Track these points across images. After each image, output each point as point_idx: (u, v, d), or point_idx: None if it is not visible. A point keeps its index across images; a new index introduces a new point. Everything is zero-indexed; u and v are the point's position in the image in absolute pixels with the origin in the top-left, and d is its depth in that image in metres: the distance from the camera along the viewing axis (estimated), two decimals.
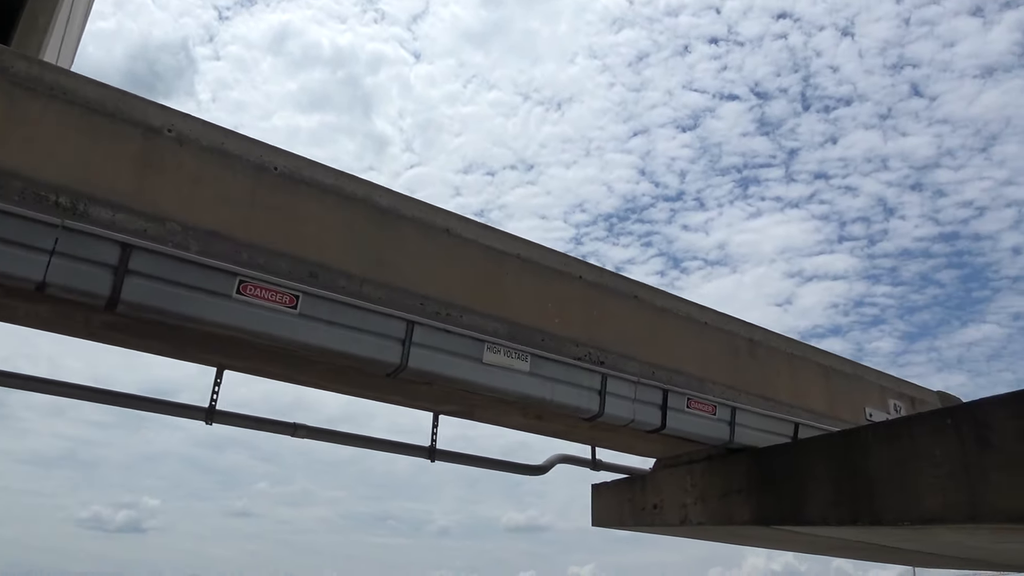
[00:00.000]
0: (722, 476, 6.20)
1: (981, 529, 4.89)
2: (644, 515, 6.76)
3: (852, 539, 6.39)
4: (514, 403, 5.29)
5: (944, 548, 6.49)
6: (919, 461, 4.98)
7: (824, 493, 5.45)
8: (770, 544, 7.47)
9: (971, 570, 8.63)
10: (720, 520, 6.09)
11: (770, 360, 7.08)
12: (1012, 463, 4.56)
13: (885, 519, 5.08)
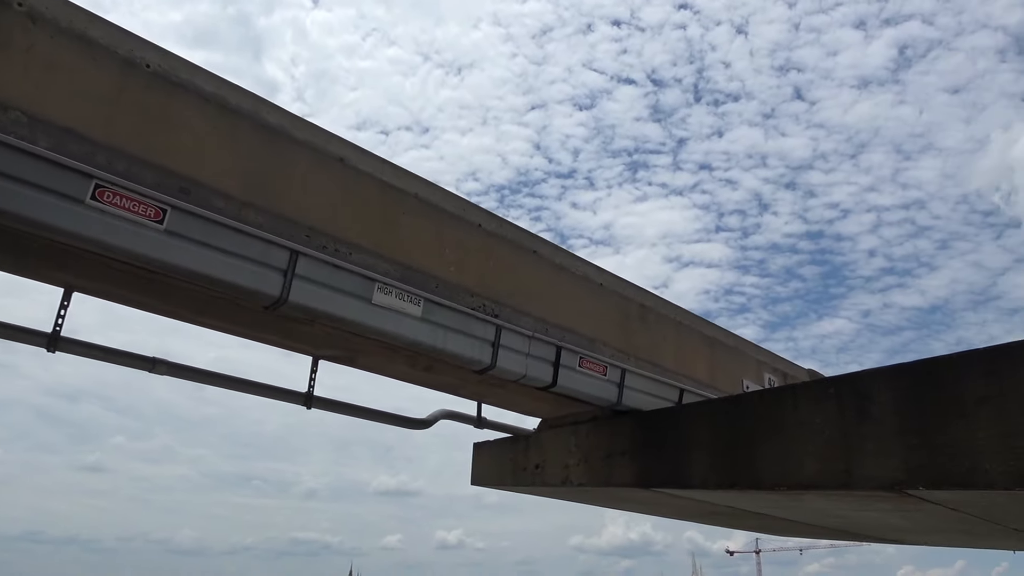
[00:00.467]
0: (607, 438, 6.14)
1: (852, 496, 5.04)
2: (525, 475, 6.64)
3: (724, 504, 6.52)
4: (402, 351, 4.97)
5: (808, 515, 6.74)
6: (800, 428, 5.06)
7: (706, 457, 5.48)
8: (645, 508, 7.56)
9: (828, 539, 9.10)
10: (602, 481, 6.04)
11: (659, 327, 7.09)
12: (888, 433, 4.68)
13: (764, 484, 5.15)
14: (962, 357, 4.57)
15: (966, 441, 4.39)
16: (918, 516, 5.90)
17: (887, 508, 5.51)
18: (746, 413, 5.37)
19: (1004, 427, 4.28)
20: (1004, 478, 4.22)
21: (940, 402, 4.54)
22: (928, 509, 5.37)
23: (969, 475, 4.34)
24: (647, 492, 6.01)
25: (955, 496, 4.60)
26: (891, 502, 5.12)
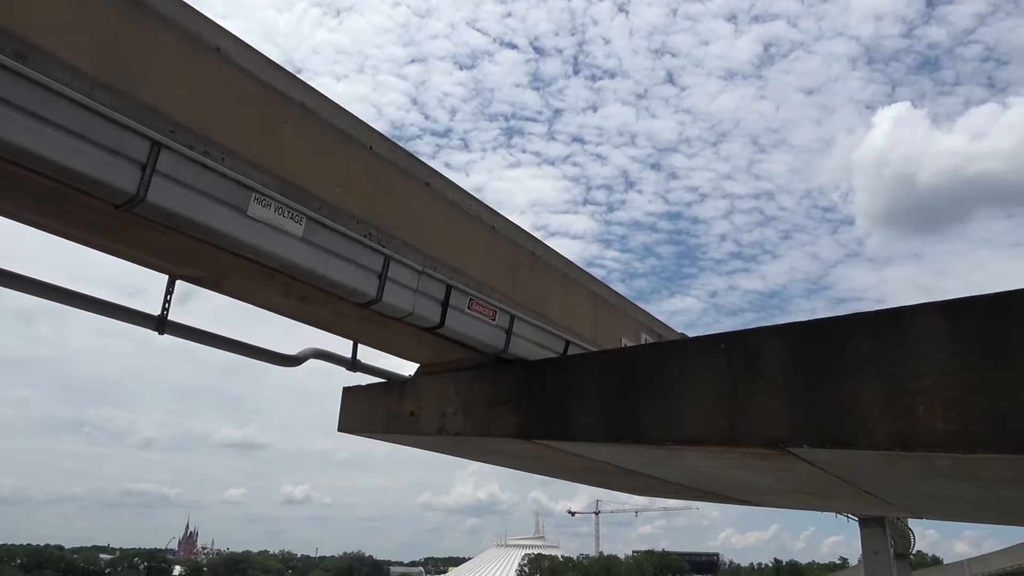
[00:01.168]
0: (489, 386, 5.86)
1: (733, 453, 5.03)
2: (399, 422, 6.25)
3: (601, 460, 6.44)
4: (277, 276, 4.42)
5: (679, 473, 6.80)
6: (689, 383, 4.98)
7: (593, 409, 5.31)
8: (518, 462, 7.39)
9: (689, 499, 9.37)
10: (481, 431, 5.77)
11: (547, 277, 6.86)
12: (776, 391, 4.67)
13: (649, 438, 5.04)
14: (851, 319, 4.60)
15: (851, 401, 4.43)
16: (786, 476, 6.05)
17: (761, 467, 5.58)
18: (635, 366, 5.24)
19: (887, 389, 4.34)
20: (886, 438, 4.28)
21: (828, 362, 4.56)
22: (801, 469, 5.48)
23: (853, 435, 4.39)
24: (527, 444, 5.80)
25: (834, 456, 4.66)
26: (769, 460, 5.16)
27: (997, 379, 4.07)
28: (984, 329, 4.18)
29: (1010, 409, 4.00)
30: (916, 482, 5.51)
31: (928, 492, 6.09)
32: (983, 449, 4.03)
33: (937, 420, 4.17)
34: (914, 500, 6.95)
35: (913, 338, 4.36)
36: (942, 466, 4.54)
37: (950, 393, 4.17)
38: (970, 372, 4.15)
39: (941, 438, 4.14)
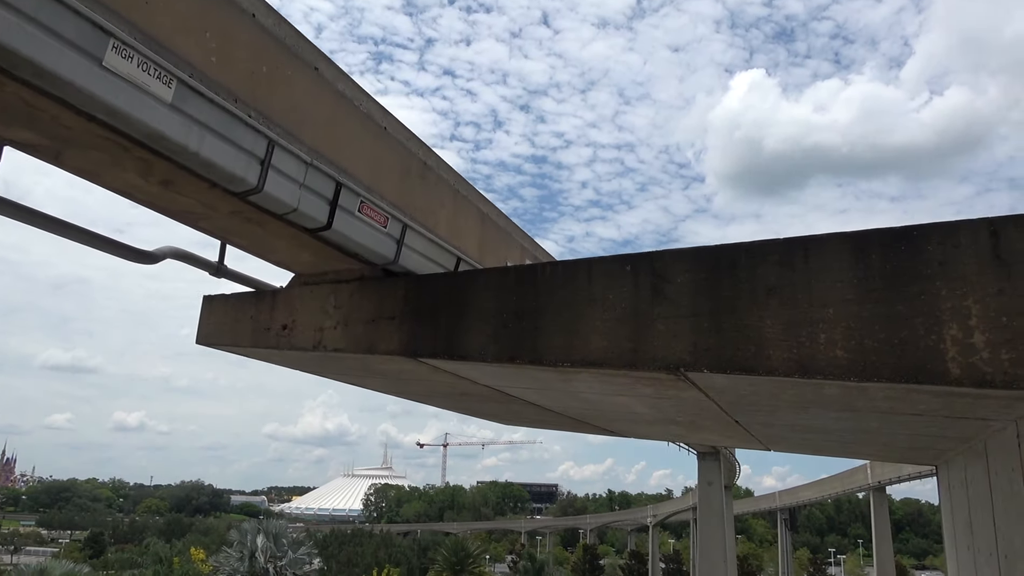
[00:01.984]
0: (374, 300, 5.40)
1: (628, 377, 4.91)
2: (268, 336, 5.67)
3: (484, 384, 6.18)
4: (135, 150, 3.71)
5: (562, 399, 6.68)
6: (592, 304, 4.77)
7: (487, 327, 5.00)
8: (395, 385, 7.00)
9: (563, 429, 9.42)
10: (363, 348, 5.32)
11: (437, 189, 6.40)
12: (681, 315, 4.55)
13: (546, 359, 4.81)
14: (759, 246, 4.53)
15: (754, 328, 4.38)
16: (668, 404, 6.06)
17: (649, 393, 5.53)
18: (536, 284, 4.96)
19: (790, 316, 4.31)
20: (785, 365, 4.27)
21: (735, 288, 4.48)
22: (687, 397, 5.47)
23: (753, 360, 4.35)
24: (412, 363, 5.42)
25: (729, 382, 4.63)
26: (663, 386, 5.09)
27: (896, 311, 4.12)
28: (887, 261, 4.21)
29: (906, 340, 4.07)
30: (793, 412, 5.67)
31: (796, 423, 6.33)
32: (878, 378, 4.09)
33: (837, 348, 4.19)
34: (776, 431, 7.26)
35: (819, 267, 4.33)
36: (829, 395, 4.62)
37: (851, 323, 4.19)
38: (871, 303, 4.18)
39: (839, 366, 4.17)
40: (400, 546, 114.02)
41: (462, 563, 74.30)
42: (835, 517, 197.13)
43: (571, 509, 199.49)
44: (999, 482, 5.52)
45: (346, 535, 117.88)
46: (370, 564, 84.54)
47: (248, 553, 54.87)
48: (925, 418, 5.21)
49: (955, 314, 4.02)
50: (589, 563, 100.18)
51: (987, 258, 4.04)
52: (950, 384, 3.97)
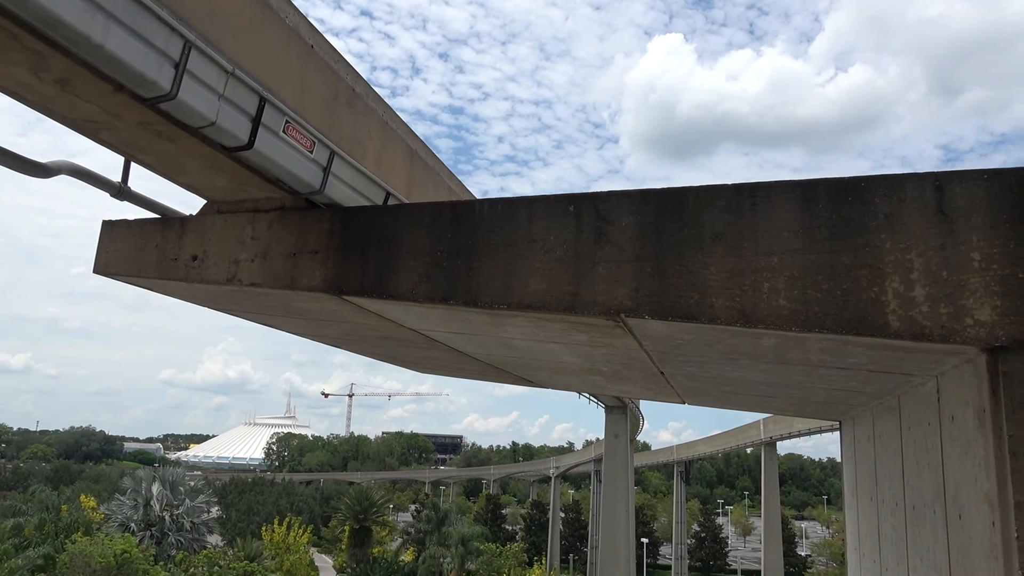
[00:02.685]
0: (296, 233, 5.00)
1: (565, 322, 4.74)
2: (176, 267, 5.19)
3: (410, 327, 5.90)
4: (26, 37, 3.18)
5: (489, 346, 6.48)
6: (532, 245, 4.55)
7: (420, 266, 4.71)
8: (312, 326, 6.61)
9: (484, 379, 9.24)
10: (283, 284, 4.94)
11: (366, 120, 5.98)
12: (624, 259, 4.39)
13: (482, 301, 4.57)
14: (707, 190, 4.40)
15: (698, 275, 4.27)
16: (599, 353, 5.96)
17: (581, 341, 5.39)
18: (473, 222, 4.69)
19: (735, 264, 4.22)
20: (728, 313, 4.19)
21: (681, 233, 4.35)
22: (619, 345, 5.37)
23: (696, 308, 4.25)
24: (335, 301, 5.08)
25: (669, 330, 4.53)
26: (598, 333, 4.95)
27: (840, 262, 4.08)
28: (833, 211, 4.16)
29: (849, 292, 4.04)
30: (721, 364, 5.67)
31: (721, 376, 6.37)
32: (819, 329, 4.06)
33: (780, 298, 4.13)
34: (698, 384, 7.32)
35: (766, 215, 4.24)
36: (765, 346, 4.59)
37: (795, 272, 4.13)
38: (815, 253, 4.13)
39: (781, 316, 4.11)
40: (303, 495, 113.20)
41: (366, 512, 74.32)
42: (724, 470, 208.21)
43: (475, 460, 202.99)
44: (912, 437, 5.70)
45: (246, 484, 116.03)
46: (271, 513, 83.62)
47: (143, 501, 53.21)
48: (850, 372, 5.29)
49: (898, 267, 4.01)
50: (492, 512, 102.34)
51: (931, 212, 4.04)
52: (889, 337, 3.98)
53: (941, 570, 4.98)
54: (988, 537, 3.96)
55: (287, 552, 68.75)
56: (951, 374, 4.67)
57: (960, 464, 4.47)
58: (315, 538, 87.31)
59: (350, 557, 73.32)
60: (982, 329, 3.87)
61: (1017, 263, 3.88)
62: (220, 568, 41.83)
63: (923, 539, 5.42)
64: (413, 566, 68.27)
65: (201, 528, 54.64)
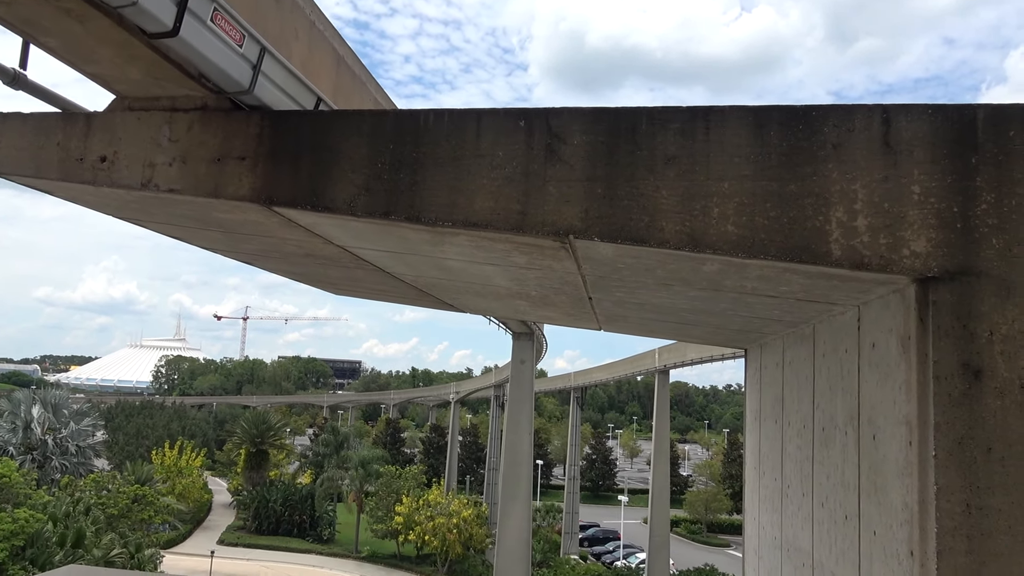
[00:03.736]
0: (220, 136, 4.60)
1: (510, 243, 4.62)
2: (82, 169, 4.70)
3: (342, 244, 5.63)
4: None
5: (421, 267, 6.29)
6: (479, 160, 4.36)
7: (360, 178, 4.44)
8: (234, 244, 6.19)
9: (397, 301, 9.01)
10: (206, 191, 4.56)
11: (293, 16, 5.52)
12: (575, 179, 4.28)
13: (425, 217, 4.37)
14: (662, 112, 4.31)
15: (650, 198, 4.21)
16: (532, 276, 5.89)
17: (519, 263, 5.29)
18: (417, 133, 4.44)
19: (686, 188, 4.19)
20: (677, 237, 4.17)
21: (634, 154, 4.26)
22: (559, 268, 5.31)
23: (645, 231, 4.20)
24: (264, 213, 4.75)
25: (615, 253, 4.48)
26: (539, 255, 4.86)
27: (788, 190, 4.11)
28: (784, 139, 4.16)
29: (795, 220, 4.09)
30: (654, 290, 5.71)
31: (649, 302, 6.45)
32: (764, 255, 4.10)
33: (729, 223, 4.14)
34: (622, 311, 7.41)
35: (718, 140, 4.21)
36: (705, 272, 4.63)
37: (744, 199, 4.14)
38: (765, 180, 4.14)
39: (729, 241, 4.13)
40: (195, 419, 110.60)
41: (262, 435, 73.58)
42: (615, 397, 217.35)
43: (374, 385, 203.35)
44: (825, 363, 5.96)
45: (134, 407, 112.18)
46: (161, 437, 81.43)
47: (22, 424, 50.54)
48: (778, 300, 5.44)
49: (843, 197, 4.08)
50: (391, 436, 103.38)
51: (877, 144, 4.10)
52: (830, 265, 4.07)
53: (849, 487, 5.30)
54: (904, 456, 4.19)
55: (179, 475, 67.50)
56: (875, 304, 4.86)
57: (878, 389, 4.70)
58: (209, 462, 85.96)
59: (246, 480, 72.76)
60: (917, 260, 4.01)
61: (953, 198, 4.01)
62: (109, 492, 40.58)
63: (831, 458, 5.74)
64: (311, 488, 68.49)
65: (87, 452, 52.65)
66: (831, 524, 5.70)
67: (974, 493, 3.84)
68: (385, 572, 60.00)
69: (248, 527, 67.79)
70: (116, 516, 39.18)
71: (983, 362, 3.93)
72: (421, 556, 60.66)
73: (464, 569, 57.39)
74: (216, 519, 74.52)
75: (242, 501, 71.50)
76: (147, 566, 35.09)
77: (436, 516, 56.14)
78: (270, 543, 64.23)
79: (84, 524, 32.47)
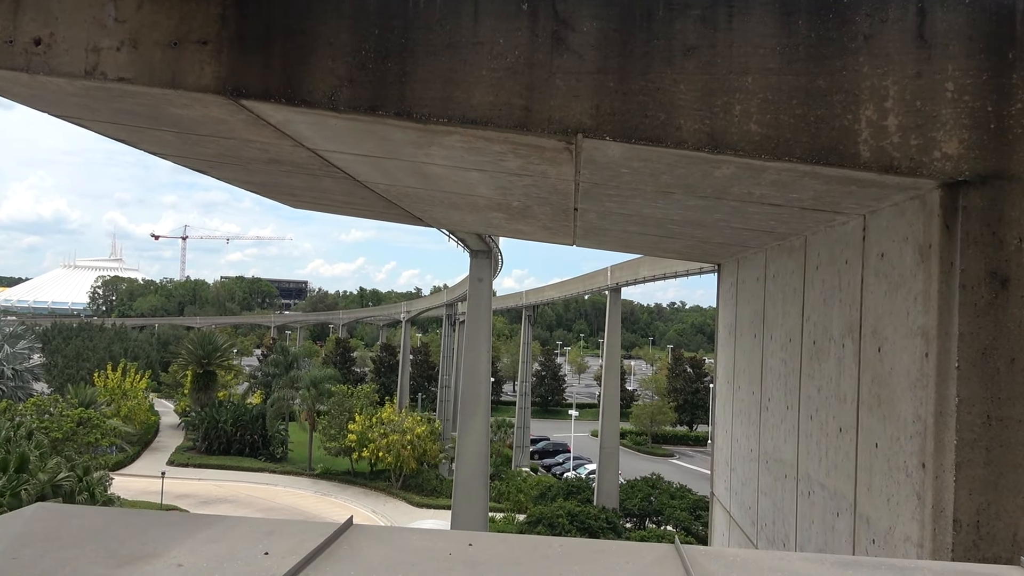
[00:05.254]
0: (177, 17, 4.00)
1: (508, 143, 4.20)
2: (12, 53, 4.05)
3: (313, 146, 5.12)
4: None
5: (402, 173, 5.83)
6: (477, 48, 3.89)
7: (340, 67, 3.93)
8: (188, 147, 5.58)
9: (365, 216, 8.49)
10: (162, 81, 3.99)
11: None
12: (585, 71, 3.86)
13: (417, 112, 3.92)
14: None
15: (667, 92, 3.84)
16: (520, 184, 5.50)
17: (509, 169, 4.89)
18: (407, 16, 3.93)
19: (706, 83, 3.82)
20: (695, 136, 3.83)
21: (650, 44, 3.85)
22: (551, 174, 4.93)
23: (662, 129, 3.85)
24: (229, 107, 4.22)
25: (625, 154, 4.12)
26: (538, 158, 4.47)
27: (816, 85, 3.79)
28: (812, 29, 3.80)
29: (823, 118, 3.78)
30: (650, 199, 5.40)
31: (639, 213, 6.13)
32: (789, 157, 3.81)
33: (752, 122, 3.81)
34: (606, 223, 7.09)
35: (742, 28, 3.82)
36: (718, 176, 4.31)
37: (769, 95, 3.80)
38: (792, 74, 3.80)
39: (752, 141, 3.81)
40: (137, 341, 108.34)
41: (209, 356, 72.53)
42: (563, 315, 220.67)
43: (322, 305, 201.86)
44: (819, 275, 5.79)
45: (72, 329, 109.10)
46: (103, 359, 79.55)
47: None
48: (780, 209, 5.19)
49: (873, 94, 3.78)
50: (341, 356, 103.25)
51: (911, 36, 3.78)
52: (858, 168, 3.80)
53: (846, 399, 5.19)
54: (918, 368, 4.05)
55: (124, 398, 66.42)
56: (886, 212, 4.64)
57: (886, 300, 4.53)
58: (154, 383, 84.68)
59: (194, 401, 72.06)
60: (948, 163, 3.76)
61: (988, 96, 3.74)
62: (52, 416, 39.60)
63: (824, 371, 5.64)
64: (262, 408, 68.28)
65: (25, 375, 51.14)
66: (821, 436, 5.65)
67: (995, 404, 3.72)
68: (340, 488, 60.88)
69: (198, 448, 67.59)
70: (61, 440, 38.37)
71: (1010, 270, 3.75)
72: (375, 472, 61.59)
73: (419, 483, 58.56)
74: (164, 440, 74.03)
75: (191, 422, 71.03)
76: (96, 488, 34.67)
77: (390, 433, 56.75)
78: (222, 463, 64.27)
79: (27, 448, 31.68)
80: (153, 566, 2.01)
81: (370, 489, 60.33)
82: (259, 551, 2.16)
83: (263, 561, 2.09)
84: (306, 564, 2.08)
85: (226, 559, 2.10)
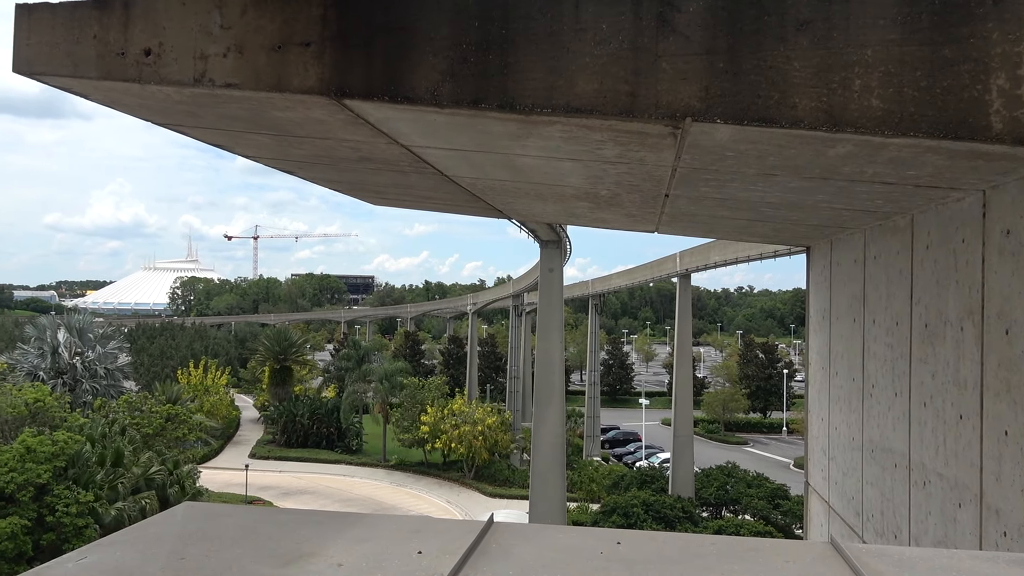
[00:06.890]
0: (279, 21, 4.05)
1: (611, 130, 4.12)
2: (124, 65, 4.18)
3: (407, 143, 5.14)
4: None
5: (487, 168, 5.80)
6: (580, 35, 3.81)
7: (441, 62, 3.91)
8: (281, 150, 5.68)
9: (447, 211, 8.54)
10: (268, 84, 4.05)
11: None
12: (692, 52, 3.73)
13: (520, 103, 3.87)
14: None
15: (780, 71, 3.68)
16: (614, 172, 5.40)
17: (607, 157, 4.80)
18: (506, 6, 3.88)
19: (822, 59, 3.64)
20: (811, 115, 3.66)
21: (760, 20, 3.69)
22: (649, 162, 4.82)
23: (775, 110, 3.69)
24: (330, 108, 4.25)
25: (737, 136, 3.99)
26: (638, 144, 4.37)
27: (941, 55, 3.57)
28: None
29: (950, 90, 3.56)
30: (751, 182, 5.23)
31: (735, 196, 5.96)
32: (914, 132, 3.60)
33: (873, 97, 3.62)
34: (697, 208, 6.94)
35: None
36: (830, 155, 4.14)
37: (891, 67, 3.60)
38: (914, 45, 3.58)
39: (874, 118, 3.62)
40: (216, 338, 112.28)
41: (285, 352, 74.60)
42: (628, 303, 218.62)
43: (389, 300, 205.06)
44: (931, 255, 5.52)
45: (155, 329, 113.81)
46: (185, 357, 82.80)
47: (49, 349, 51.18)
48: (892, 187, 4.96)
49: (1005, 61, 3.53)
50: (410, 348, 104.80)
51: None
52: (990, 141, 3.57)
53: (966, 385, 4.94)
54: None
55: (207, 393, 68.99)
56: (1012, 186, 4.37)
57: (1015, 279, 4.28)
58: (234, 379, 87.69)
59: (272, 396, 74.26)
60: None
61: None
62: (142, 412, 41.40)
63: (940, 356, 5.37)
64: (336, 402, 69.91)
65: (116, 374, 53.55)
66: (938, 424, 5.39)
67: None
68: (414, 479, 61.87)
69: (277, 441, 69.68)
70: (151, 435, 40.08)
71: None
72: (448, 463, 62.35)
73: (491, 473, 59.02)
74: (245, 434, 76.66)
75: (269, 416, 73.27)
76: (186, 481, 36.12)
77: (461, 424, 57.32)
78: (300, 455, 66.14)
79: (121, 444, 33.21)
80: (316, 566, 2.02)
81: (443, 480, 61.12)
82: (411, 550, 2.16)
83: (420, 560, 2.08)
84: (463, 563, 2.06)
85: (383, 558, 2.10)
